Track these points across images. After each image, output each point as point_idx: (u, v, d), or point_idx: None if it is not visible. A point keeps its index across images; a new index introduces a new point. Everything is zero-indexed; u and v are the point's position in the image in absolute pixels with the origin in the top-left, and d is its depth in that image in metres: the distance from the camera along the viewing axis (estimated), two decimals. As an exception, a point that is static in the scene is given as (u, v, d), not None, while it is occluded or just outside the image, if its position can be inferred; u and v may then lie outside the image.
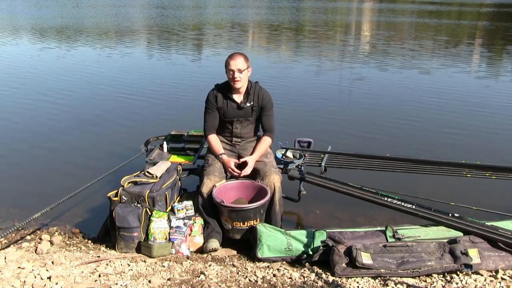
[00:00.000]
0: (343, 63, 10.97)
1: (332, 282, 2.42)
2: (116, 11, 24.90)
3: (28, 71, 8.92)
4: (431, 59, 11.55)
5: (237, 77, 3.06)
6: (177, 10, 26.08)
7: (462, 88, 8.20)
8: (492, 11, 31.86)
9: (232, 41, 14.48)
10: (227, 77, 3.15)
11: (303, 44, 14.33)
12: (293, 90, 7.73)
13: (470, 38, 16.96)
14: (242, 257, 2.85)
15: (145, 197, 2.86)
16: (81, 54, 11.01)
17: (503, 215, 2.99)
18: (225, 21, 21.24)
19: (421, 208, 2.96)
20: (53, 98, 6.90)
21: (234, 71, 3.05)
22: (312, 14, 26.73)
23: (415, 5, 36.77)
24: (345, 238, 2.66)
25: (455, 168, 3.49)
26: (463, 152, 4.92)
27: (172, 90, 7.58)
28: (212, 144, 3.23)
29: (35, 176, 4.25)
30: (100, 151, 4.86)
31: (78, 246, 3.00)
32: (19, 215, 3.47)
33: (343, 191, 3.23)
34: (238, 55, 3.11)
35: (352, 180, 3.33)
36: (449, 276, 2.46)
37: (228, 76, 3.12)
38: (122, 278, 2.42)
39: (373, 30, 19.85)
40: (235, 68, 3.05)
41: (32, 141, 5.15)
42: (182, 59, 10.75)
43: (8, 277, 2.35)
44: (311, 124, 5.85)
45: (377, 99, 7.26)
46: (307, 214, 3.64)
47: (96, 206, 3.65)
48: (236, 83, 3.09)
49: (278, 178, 3.08)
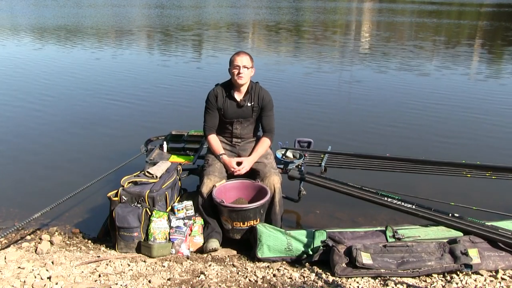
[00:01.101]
0: (343, 63, 10.96)
1: (332, 282, 2.42)
2: (116, 11, 24.90)
3: (28, 70, 8.93)
4: (431, 59, 11.56)
5: (242, 73, 3.06)
6: (178, 10, 26.07)
7: (462, 88, 8.20)
8: (492, 11, 31.86)
9: (232, 41, 14.48)
10: (230, 74, 3.15)
11: (303, 44, 14.33)
12: (293, 90, 7.73)
13: (470, 38, 16.97)
14: (242, 257, 2.85)
15: (145, 197, 2.86)
16: (79, 54, 11.02)
17: (503, 215, 2.99)
18: (225, 21, 21.24)
19: (421, 208, 2.96)
20: (53, 98, 6.90)
21: (240, 66, 3.06)
22: (312, 14, 26.74)
23: (415, 5, 36.77)
24: (345, 238, 2.66)
25: (455, 168, 3.49)
26: (463, 152, 4.92)
27: (172, 90, 7.58)
28: (212, 144, 3.23)
29: (35, 176, 4.25)
30: (100, 151, 4.86)
31: (78, 246, 2.99)
32: (19, 215, 3.47)
33: (343, 191, 3.23)
34: (244, 53, 3.13)
35: (352, 180, 3.33)
36: (449, 276, 2.46)
37: (231, 73, 3.12)
38: (122, 278, 2.42)
39: (373, 30, 19.86)
40: (241, 64, 3.06)
41: (32, 140, 5.14)
42: (182, 59, 10.74)
43: (8, 277, 2.35)
44: (311, 124, 5.85)
45: (377, 99, 7.26)
46: (307, 214, 3.63)
47: (96, 206, 3.65)
48: (240, 79, 3.09)
49: (278, 179, 3.07)
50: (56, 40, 13.59)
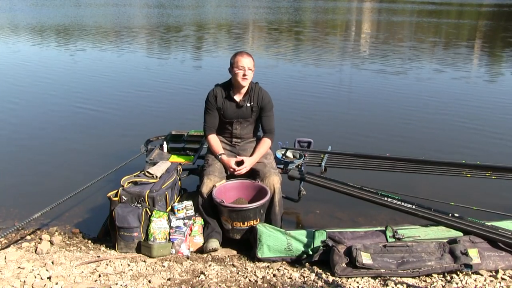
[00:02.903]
0: (343, 63, 10.96)
1: (332, 282, 2.42)
2: (115, 10, 24.89)
3: (28, 70, 8.93)
4: (431, 59, 11.56)
5: (247, 74, 3.05)
6: (178, 10, 26.07)
7: (462, 88, 8.20)
8: (492, 10, 31.85)
9: (232, 41, 14.48)
10: (232, 74, 3.12)
11: (303, 44, 14.33)
12: (293, 90, 7.72)
13: (470, 38, 16.96)
14: (242, 257, 2.85)
15: (145, 197, 2.86)
16: (79, 54, 11.02)
17: (503, 215, 2.99)
18: (225, 21, 21.23)
19: (421, 208, 2.96)
20: (53, 98, 6.90)
21: (245, 68, 3.04)
22: (312, 14, 26.72)
23: (414, 5, 36.76)
24: (345, 238, 2.66)
25: (455, 168, 3.49)
26: (463, 152, 4.92)
27: (172, 90, 7.58)
28: (212, 144, 3.23)
29: (35, 176, 4.25)
30: (100, 151, 4.86)
31: (78, 246, 2.99)
32: (19, 215, 3.47)
33: (343, 191, 3.23)
34: (247, 54, 3.11)
35: (352, 180, 3.33)
36: (449, 276, 2.46)
37: (234, 74, 3.08)
38: (122, 278, 2.42)
39: (373, 30, 19.86)
40: (246, 66, 3.04)
41: (32, 140, 5.14)
42: (182, 59, 10.75)
43: (8, 277, 2.35)
44: (311, 124, 5.85)
45: (377, 99, 7.26)
46: (307, 214, 3.63)
47: (96, 206, 3.65)
48: (245, 81, 3.08)
49: (277, 179, 3.07)
50: (55, 40, 13.58)
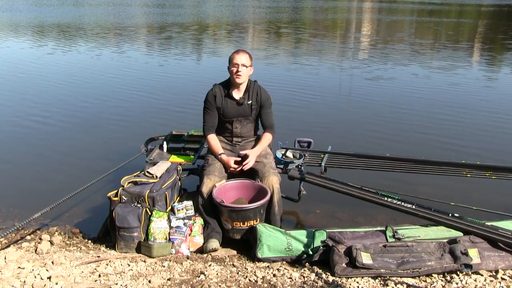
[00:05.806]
0: (343, 63, 10.96)
1: (332, 282, 2.42)
2: (115, 10, 24.89)
3: (27, 70, 8.92)
4: (431, 59, 11.55)
5: (241, 71, 3.06)
6: (179, 9, 26.06)
7: (462, 88, 8.18)
8: (492, 10, 31.84)
9: (233, 40, 14.48)
10: (229, 72, 3.14)
11: (303, 44, 14.32)
12: (293, 90, 7.71)
13: (470, 37, 16.95)
14: (242, 257, 2.85)
15: (145, 197, 2.86)
16: (79, 53, 11.02)
17: (503, 215, 2.99)
18: (225, 21, 21.23)
19: (421, 208, 2.96)
20: (53, 98, 6.90)
21: (238, 65, 3.05)
22: (312, 14, 26.72)
23: (414, 5, 36.76)
24: (345, 238, 2.66)
25: (455, 168, 3.49)
26: (463, 152, 4.91)
27: (172, 90, 7.58)
28: (212, 144, 3.23)
29: (35, 176, 4.25)
30: (100, 151, 4.86)
31: (78, 246, 3.00)
32: (19, 215, 3.47)
33: (343, 191, 3.23)
34: (243, 51, 3.13)
35: (352, 180, 3.33)
36: (449, 276, 2.46)
37: (230, 71, 3.12)
38: (122, 278, 2.42)
39: (373, 29, 19.86)
40: (240, 62, 3.05)
41: (32, 140, 5.14)
42: (182, 59, 10.74)
43: (8, 277, 2.35)
44: (311, 124, 5.85)
45: (377, 99, 7.25)
46: (307, 214, 3.63)
47: (96, 206, 3.65)
48: (238, 78, 3.08)
49: (277, 179, 3.07)
50: (55, 39, 13.58)
